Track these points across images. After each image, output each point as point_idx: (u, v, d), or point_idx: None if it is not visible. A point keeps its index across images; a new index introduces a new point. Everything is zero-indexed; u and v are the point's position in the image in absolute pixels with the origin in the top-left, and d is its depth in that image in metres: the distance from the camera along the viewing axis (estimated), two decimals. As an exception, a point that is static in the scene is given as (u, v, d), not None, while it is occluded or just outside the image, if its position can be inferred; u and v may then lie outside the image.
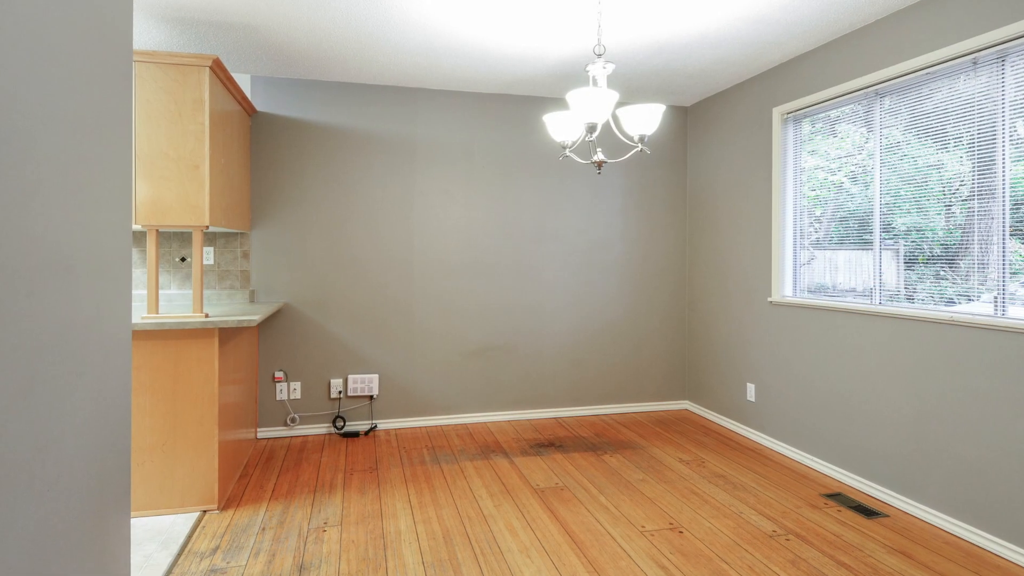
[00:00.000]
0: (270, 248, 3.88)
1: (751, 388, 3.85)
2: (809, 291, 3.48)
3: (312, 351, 3.95)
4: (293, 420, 3.91)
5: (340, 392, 3.99)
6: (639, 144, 2.46)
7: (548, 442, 3.77)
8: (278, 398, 3.89)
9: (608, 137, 4.44)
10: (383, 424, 4.05)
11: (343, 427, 3.97)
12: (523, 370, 4.31)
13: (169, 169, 2.64)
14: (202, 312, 2.72)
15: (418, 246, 4.11)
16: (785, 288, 3.62)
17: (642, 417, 4.36)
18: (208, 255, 3.75)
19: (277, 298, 3.89)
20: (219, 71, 2.84)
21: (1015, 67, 2.40)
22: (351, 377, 4.00)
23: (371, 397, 4.04)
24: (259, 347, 3.86)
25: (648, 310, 4.55)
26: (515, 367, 4.30)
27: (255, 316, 2.77)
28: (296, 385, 3.91)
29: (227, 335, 2.91)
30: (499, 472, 3.24)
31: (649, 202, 4.54)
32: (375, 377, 4.03)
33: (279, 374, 3.88)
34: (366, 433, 3.94)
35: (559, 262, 4.37)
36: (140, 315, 2.74)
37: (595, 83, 3.83)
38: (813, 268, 3.45)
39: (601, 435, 3.91)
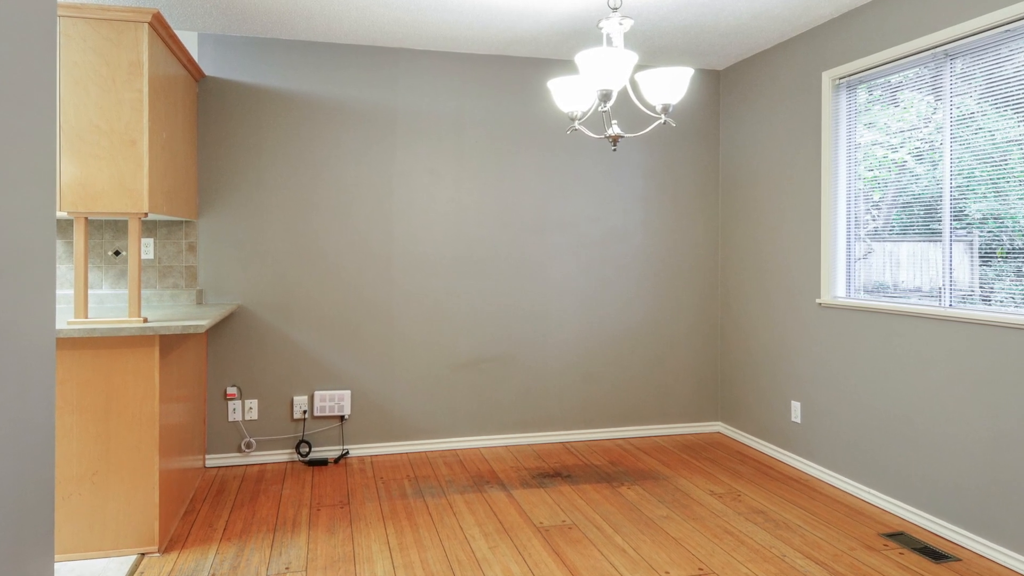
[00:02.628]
0: (221, 240, 3.87)
1: (796, 407, 3.86)
2: (866, 291, 3.49)
3: (271, 363, 3.95)
4: (249, 445, 3.91)
5: (305, 412, 3.99)
6: (662, 115, 2.46)
7: (553, 471, 3.77)
8: (231, 419, 3.89)
9: (625, 107, 4.44)
10: (356, 450, 4.06)
11: (308, 453, 3.97)
12: (523, 386, 4.32)
13: (100, 145, 2.64)
14: (140, 316, 2.72)
15: (399, 237, 4.11)
16: (837, 287, 3.62)
17: (666, 442, 4.37)
18: (147, 248, 3.75)
19: (229, 299, 3.88)
20: (160, 28, 2.84)
21: (1111, 23, 2.41)
22: (318, 394, 4.00)
23: (342, 418, 4.04)
24: (208, 358, 3.86)
25: (674, 314, 4.56)
26: (514, 382, 4.31)
27: (203, 321, 2.77)
28: (252, 403, 3.92)
29: (170, 344, 2.91)
30: (495, 507, 3.24)
31: (675, 185, 4.55)
32: (346, 394, 4.03)
33: (232, 390, 3.88)
34: (336, 460, 3.94)
35: (567, 257, 4.38)
36: (66, 320, 2.74)
37: (610, 42, 3.83)
38: (870, 263, 3.46)
39: (617, 463, 3.92)
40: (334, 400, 4.01)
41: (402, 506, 3.26)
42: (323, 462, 3.90)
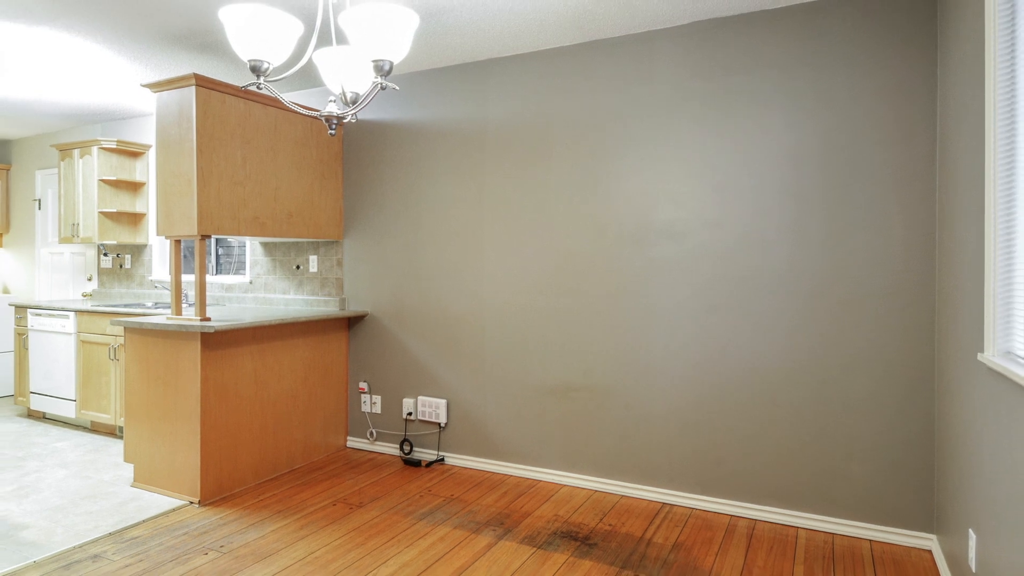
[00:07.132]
0: (358, 257, 4.76)
1: None
2: None
3: (390, 365, 4.68)
4: (372, 435, 4.75)
5: (410, 414, 4.58)
6: (380, 79, 2.20)
7: (583, 535, 3.41)
8: (363, 410, 4.78)
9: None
10: (453, 458, 4.44)
11: (410, 452, 4.56)
12: (620, 425, 3.94)
13: (175, 186, 3.84)
14: (194, 315, 3.81)
15: (489, 256, 4.28)
16: None
17: (817, 543, 3.33)
18: (313, 263, 4.93)
19: (363, 307, 4.76)
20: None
21: None
22: (421, 399, 4.54)
23: (439, 424, 4.49)
24: (349, 355, 4.83)
25: (849, 360, 3.39)
26: (609, 418, 3.97)
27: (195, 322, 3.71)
28: (377, 399, 4.73)
29: (225, 339, 3.96)
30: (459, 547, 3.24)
31: (846, 167, 3.36)
32: (442, 402, 4.45)
33: (363, 385, 4.76)
34: (429, 464, 4.43)
35: (676, 275, 3.75)
36: (165, 316, 4.05)
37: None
38: None
39: (690, 548, 3.26)
40: (433, 407, 4.50)
41: (410, 529, 3.56)
42: (417, 463, 4.45)
